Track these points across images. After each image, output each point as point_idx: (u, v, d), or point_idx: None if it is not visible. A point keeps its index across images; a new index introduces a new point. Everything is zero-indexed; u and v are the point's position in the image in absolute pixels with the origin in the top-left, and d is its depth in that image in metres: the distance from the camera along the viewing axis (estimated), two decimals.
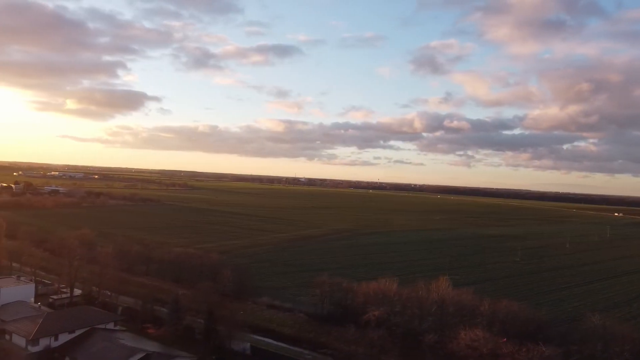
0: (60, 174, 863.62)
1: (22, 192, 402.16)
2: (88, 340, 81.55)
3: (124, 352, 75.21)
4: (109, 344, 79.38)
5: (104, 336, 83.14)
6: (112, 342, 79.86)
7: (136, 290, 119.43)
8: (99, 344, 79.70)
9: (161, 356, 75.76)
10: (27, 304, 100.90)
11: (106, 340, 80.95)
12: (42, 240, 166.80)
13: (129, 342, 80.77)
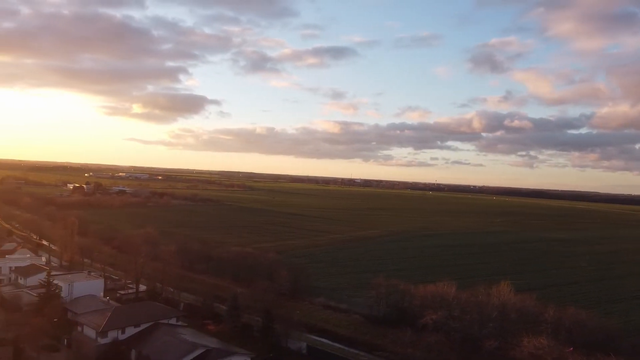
0: (126, 175, 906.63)
1: (92, 192, 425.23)
2: (152, 334, 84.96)
3: (186, 346, 77.77)
4: (172, 338, 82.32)
5: (167, 331, 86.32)
6: (174, 337, 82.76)
7: (197, 288, 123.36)
8: (163, 338, 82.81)
9: (220, 352, 77.69)
10: (97, 298, 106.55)
11: (169, 335, 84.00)
12: (111, 238, 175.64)
13: (190, 337, 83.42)
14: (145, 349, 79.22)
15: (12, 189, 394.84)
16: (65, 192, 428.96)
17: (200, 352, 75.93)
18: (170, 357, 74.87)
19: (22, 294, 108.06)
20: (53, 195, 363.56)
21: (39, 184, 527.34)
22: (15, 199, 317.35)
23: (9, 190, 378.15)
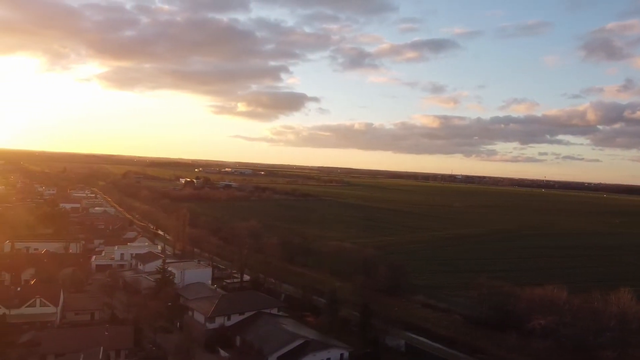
0: (232, 170, 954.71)
1: (201, 186, 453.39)
2: (255, 322, 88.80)
3: (287, 336, 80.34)
4: (273, 327, 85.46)
5: (269, 320, 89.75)
6: (276, 326, 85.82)
7: (296, 280, 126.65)
8: (265, 327, 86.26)
9: (319, 344, 79.24)
10: (206, 286, 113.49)
11: (271, 324, 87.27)
12: (218, 230, 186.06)
13: (290, 327, 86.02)
14: (248, 336, 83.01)
15: (132, 183, 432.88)
16: (178, 186, 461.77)
17: (300, 342, 78.02)
18: (272, 346, 77.73)
19: (141, 278, 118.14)
20: (167, 189, 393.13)
21: (155, 178, 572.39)
22: (135, 192, 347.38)
23: (130, 184, 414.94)
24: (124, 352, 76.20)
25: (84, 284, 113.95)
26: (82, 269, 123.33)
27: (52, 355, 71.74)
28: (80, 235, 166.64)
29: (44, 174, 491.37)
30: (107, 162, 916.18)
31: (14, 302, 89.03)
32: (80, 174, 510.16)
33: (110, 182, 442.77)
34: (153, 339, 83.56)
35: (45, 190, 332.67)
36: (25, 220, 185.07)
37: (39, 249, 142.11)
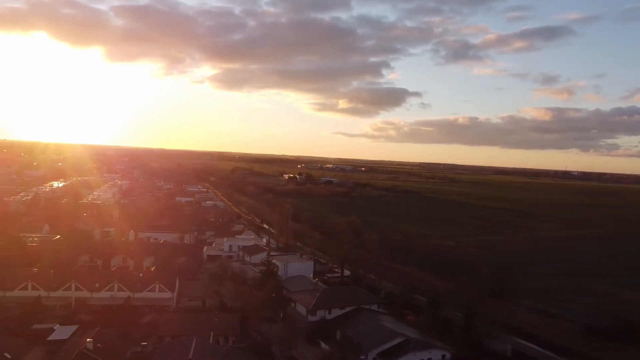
0: (333, 166, 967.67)
1: (304, 182, 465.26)
2: (355, 317, 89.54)
3: (386, 333, 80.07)
4: (373, 324, 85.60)
5: (369, 316, 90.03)
6: (376, 323, 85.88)
7: (396, 277, 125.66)
8: (365, 322, 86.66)
9: (419, 343, 78.00)
10: (308, 279, 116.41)
11: (371, 320, 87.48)
12: (319, 225, 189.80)
13: (390, 324, 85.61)
14: (348, 331, 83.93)
15: (240, 179, 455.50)
16: (282, 181, 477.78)
17: (400, 340, 77.35)
18: (372, 342, 77.90)
19: (248, 269, 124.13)
20: (272, 184, 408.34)
21: (260, 174, 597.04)
22: (242, 187, 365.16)
23: (237, 180, 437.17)
24: (232, 339, 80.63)
25: (197, 272, 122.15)
26: (194, 259, 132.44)
27: (169, 337, 77.93)
28: (193, 227, 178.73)
29: (162, 170, 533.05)
30: (218, 159, 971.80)
31: (137, 287, 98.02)
32: (194, 169, 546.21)
33: (220, 177, 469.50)
34: (258, 328, 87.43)
35: (163, 185, 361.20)
36: (146, 212, 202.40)
37: (158, 239, 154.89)
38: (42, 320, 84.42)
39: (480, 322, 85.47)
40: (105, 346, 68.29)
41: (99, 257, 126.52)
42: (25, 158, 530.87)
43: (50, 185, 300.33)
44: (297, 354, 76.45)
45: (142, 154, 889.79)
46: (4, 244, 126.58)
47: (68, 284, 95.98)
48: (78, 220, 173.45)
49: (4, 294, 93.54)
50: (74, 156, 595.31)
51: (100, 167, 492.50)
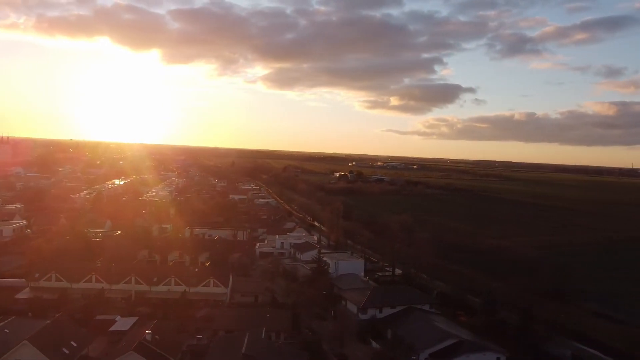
0: (384, 164, 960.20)
1: (354, 180, 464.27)
2: (407, 317, 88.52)
3: (438, 334, 78.67)
4: (425, 324, 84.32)
5: (420, 316, 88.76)
6: (428, 323, 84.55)
7: (449, 277, 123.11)
8: (417, 322, 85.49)
9: (473, 345, 76.13)
10: (358, 277, 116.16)
11: (423, 320, 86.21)
12: (370, 223, 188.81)
13: (442, 325, 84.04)
14: (399, 330, 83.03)
15: (291, 177, 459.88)
16: (333, 179, 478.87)
17: (452, 342, 75.79)
18: (423, 342, 76.74)
19: (299, 266, 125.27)
20: (323, 182, 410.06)
21: (311, 172, 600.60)
22: (293, 185, 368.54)
23: (289, 178, 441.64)
24: (283, 335, 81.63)
25: (249, 268, 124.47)
26: (247, 255, 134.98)
27: (223, 331, 79.82)
28: (246, 224, 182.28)
29: (216, 168, 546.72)
30: (270, 157, 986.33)
31: (192, 281, 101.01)
32: (247, 168, 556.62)
33: (272, 175, 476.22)
34: (309, 325, 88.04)
35: (217, 183, 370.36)
36: (201, 209, 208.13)
37: (213, 236, 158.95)
38: (105, 312, 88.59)
39: (538, 325, 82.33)
40: (162, 338, 70.79)
41: (157, 253, 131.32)
42: (89, 157, 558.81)
43: (112, 183, 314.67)
44: (347, 352, 76.44)
45: (197, 153, 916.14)
46: (71, 238, 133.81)
47: (128, 277, 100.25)
48: (137, 216, 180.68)
49: (70, 286, 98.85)
50: (134, 155, 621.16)
51: (158, 166, 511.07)
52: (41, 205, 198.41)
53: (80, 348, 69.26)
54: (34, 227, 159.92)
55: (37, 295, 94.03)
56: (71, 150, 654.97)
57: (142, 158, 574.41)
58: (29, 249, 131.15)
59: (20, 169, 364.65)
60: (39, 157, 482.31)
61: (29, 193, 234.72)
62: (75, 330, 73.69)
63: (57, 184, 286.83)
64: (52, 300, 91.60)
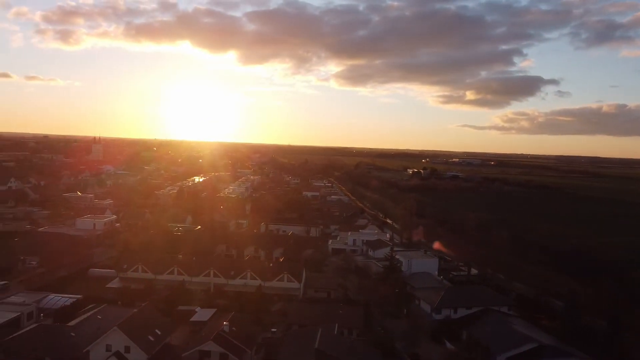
0: (459, 160, 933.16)
1: (428, 177, 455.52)
2: (483, 318, 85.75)
3: (517, 337, 75.54)
4: (503, 326, 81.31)
5: (498, 318, 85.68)
6: (506, 326, 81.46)
7: (529, 278, 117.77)
8: (494, 324, 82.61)
9: (555, 350, 72.38)
10: (432, 276, 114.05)
11: (500, 323, 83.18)
12: (444, 221, 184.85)
13: (521, 328, 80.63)
14: (475, 332, 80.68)
15: (363, 174, 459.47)
16: (405, 176, 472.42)
17: (533, 346, 72.49)
18: (501, 345, 74.05)
19: (371, 263, 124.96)
20: (395, 179, 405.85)
21: (384, 169, 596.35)
22: (365, 182, 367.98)
23: (361, 175, 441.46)
24: (355, 331, 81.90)
25: (322, 265, 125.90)
26: (320, 251, 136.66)
27: (296, 325, 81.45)
28: (318, 220, 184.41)
29: (290, 166, 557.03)
30: (342, 154, 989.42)
31: (267, 276, 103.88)
32: (319, 165, 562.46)
33: (344, 172, 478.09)
34: (382, 322, 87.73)
35: (291, 180, 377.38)
36: (276, 205, 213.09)
37: (286, 231, 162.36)
38: (186, 303, 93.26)
39: (630, 333, 76.74)
40: (239, 329, 73.47)
41: (234, 247, 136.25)
42: (171, 155, 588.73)
43: (192, 180, 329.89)
44: (421, 352, 75.35)
45: (272, 151, 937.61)
46: (155, 232, 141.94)
47: (207, 270, 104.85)
48: (215, 212, 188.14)
49: (155, 277, 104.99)
50: (212, 153, 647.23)
51: (235, 164, 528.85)
52: (129, 201, 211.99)
53: (164, 336, 73.43)
54: (123, 222, 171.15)
55: (126, 285, 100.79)
56: (155, 149, 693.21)
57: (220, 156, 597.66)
58: (118, 241, 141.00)
59: (110, 167, 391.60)
60: (127, 156, 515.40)
61: (118, 189, 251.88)
62: (160, 319, 78.19)
63: (142, 181, 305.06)
64: (139, 290, 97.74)
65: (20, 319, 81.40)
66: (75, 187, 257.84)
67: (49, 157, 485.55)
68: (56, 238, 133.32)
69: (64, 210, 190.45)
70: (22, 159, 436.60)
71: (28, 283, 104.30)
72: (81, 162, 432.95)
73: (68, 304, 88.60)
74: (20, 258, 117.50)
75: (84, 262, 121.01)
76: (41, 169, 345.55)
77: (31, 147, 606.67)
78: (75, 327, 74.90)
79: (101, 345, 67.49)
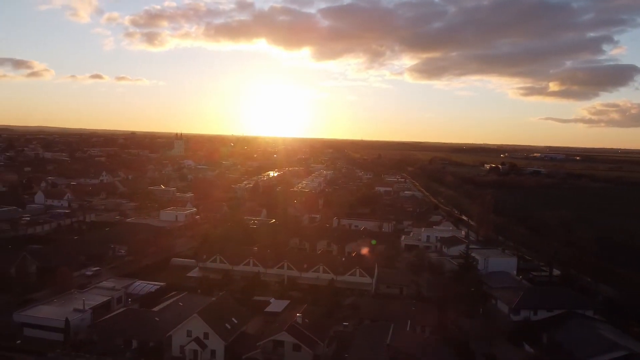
0: (541, 155, 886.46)
1: (507, 172, 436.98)
2: (566, 322, 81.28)
3: (605, 343, 70.85)
4: (588, 331, 76.65)
5: (582, 322, 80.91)
6: (592, 331, 76.71)
7: (618, 281, 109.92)
8: (578, 329, 78.10)
9: None
10: (510, 275, 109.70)
11: (585, 327, 78.49)
12: (524, 218, 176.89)
13: (609, 334, 75.55)
14: (557, 336, 76.69)
15: (438, 169, 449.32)
16: (482, 172, 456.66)
17: (622, 354, 67.75)
18: (585, 351, 69.79)
19: (445, 261, 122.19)
20: (471, 174, 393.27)
21: (459, 164, 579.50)
22: (440, 177, 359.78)
23: (435, 170, 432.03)
24: (428, 329, 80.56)
25: (394, 260, 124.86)
26: (392, 247, 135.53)
27: (368, 320, 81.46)
28: (391, 216, 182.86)
29: (363, 161, 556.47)
30: (415, 149, 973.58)
31: (339, 270, 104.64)
32: (392, 160, 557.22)
33: (418, 167, 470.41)
34: (456, 321, 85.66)
35: (363, 175, 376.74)
36: (348, 200, 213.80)
37: (359, 227, 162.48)
38: (261, 293, 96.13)
39: None
40: (312, 322, 74.67)
41: (307, 241, 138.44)
42: (247, 151, 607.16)
43: (267, 174, 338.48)
44: (497, 353, 72.76)
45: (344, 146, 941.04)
46: (232, 225, 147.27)
47: (281, 263, 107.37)
48: (289, 206, 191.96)
49: (231, 268, 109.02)
50: (286, 149, 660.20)
51: (308, 159, 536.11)
52: (208, 194, 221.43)
53: (240, 325, 76.20)
54: (202, 214, 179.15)
55: (205, 275, 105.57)
56: (232, 145, 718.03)
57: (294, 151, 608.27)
58: (198, 233, 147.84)
59: (191, 162, 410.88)
60: (206, 151, 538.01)
61: (198, 183, 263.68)
62: (236, 309, 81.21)
63: (220, 176, 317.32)
64: (217, 280, 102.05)
65: (110, 303, 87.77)
66: (159, 180, 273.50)
67: (135, 152, 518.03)
68: (142, 228, 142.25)
69: (149, 202, 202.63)
70: (112, 154, 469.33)
71: (117, 270, 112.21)
72: (165, 157, 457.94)
73: (152, 290, 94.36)
74: (111, 246, 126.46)
75: (166, 252, 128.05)
76: (129, 163, 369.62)
77: (120, 143, 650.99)
78: (159, 312, 79.74)
79: (182, 331, 71.23)
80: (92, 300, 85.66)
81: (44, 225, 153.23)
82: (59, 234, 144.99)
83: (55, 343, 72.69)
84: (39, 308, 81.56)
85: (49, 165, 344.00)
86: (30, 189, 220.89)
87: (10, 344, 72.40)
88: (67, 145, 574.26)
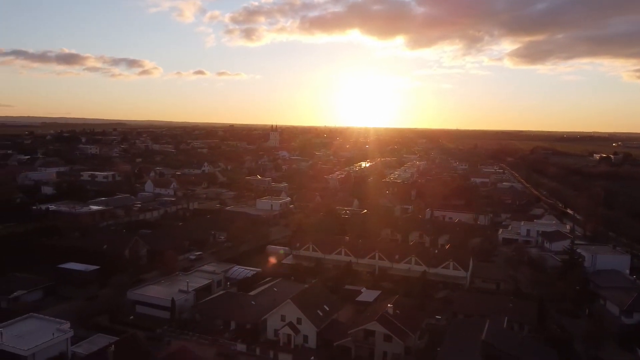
0: None
1: (620, 163, 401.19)
2: None
3: None
4: None
5: None
6: None
7: None
8: None
9: None
10: (622, 275, 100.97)
11: None
12: (639, 213, 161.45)
13: None
14: None
15: (540, 159, 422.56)
16: (591, 162, 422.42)
17: None
18: None
19: (547, 256, 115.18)
20: (578, 165, 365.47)
21: (564, 154, 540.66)
22: (542, 168, 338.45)
23: (537, 160, 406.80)
24: (527, 327, 76.57)
25: (491, 254, 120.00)
26: (489, 241, 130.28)
27: (462, 314, 79.11)
28: (488, 208, 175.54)
29: (458, 151, 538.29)
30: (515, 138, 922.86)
31: (432, 262, 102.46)
32: (489, 150, 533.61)
33: (518, 157, 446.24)
34: (558, 320, 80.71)
35: (458, 166, 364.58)
36: (442, 191, 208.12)
37: (453, 218, 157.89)
38: (352, 283, 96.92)
39: None
40: (403, 313, 74.00)
41: (399, 232, 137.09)
42: (340, 141, 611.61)
43: (359, 165, 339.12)
44: (605, 357, 67.56)
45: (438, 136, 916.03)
46: (324, 214, 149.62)
47: (373, 253, 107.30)
48: (381, 197, 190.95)
49: (323, 257, 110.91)
50: (378, 139, 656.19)
51: (400, 149, 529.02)
52: (301, 184, 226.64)
53: (331, 312, 77.50)
54: (296, 203, 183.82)
55: (298, 263, 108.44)
56: (325, 136, 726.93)
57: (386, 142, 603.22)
58: (291, 222, 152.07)
59: (285, 153, 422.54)
60: (300, 142, 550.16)
61: (292, 173, 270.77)
62: (328, 296, 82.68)
63: (313, 166, 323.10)
64: (309, 268, 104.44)
65: (211, 286, 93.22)
66: (255, 171, 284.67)
67: (234, 144, 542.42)
68: (240, 216, 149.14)
69: (246, 191, 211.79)
70: (213, 146, 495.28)
71: (217, 255, 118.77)
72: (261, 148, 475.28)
73: (249, 275, 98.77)
74: (212, 233, 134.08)
75: (262, 239, 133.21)
76: (228, 155, 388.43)
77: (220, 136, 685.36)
78: (255, 297, 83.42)
79: (277, 315, 73.94)
80: (195, 282, 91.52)
81: (153, 211, 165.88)
82: (166, 220, 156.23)
83: (162, 320, 78.72)
84: (149, 287, 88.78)
85: (157, 156, 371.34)
86: (141, 178, 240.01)
87: (125, 319, 79.64)
88: (173, 137, 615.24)
